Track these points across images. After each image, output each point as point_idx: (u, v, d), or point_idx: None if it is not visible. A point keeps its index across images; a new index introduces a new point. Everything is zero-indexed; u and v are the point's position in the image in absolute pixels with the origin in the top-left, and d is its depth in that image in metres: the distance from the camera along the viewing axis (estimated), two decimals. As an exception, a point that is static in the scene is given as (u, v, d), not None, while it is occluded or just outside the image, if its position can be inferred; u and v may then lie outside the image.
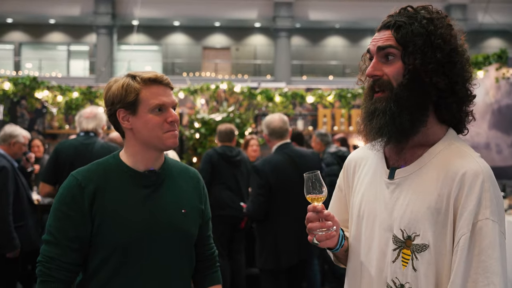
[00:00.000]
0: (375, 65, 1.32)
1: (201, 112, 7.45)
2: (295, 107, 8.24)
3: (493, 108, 5.47)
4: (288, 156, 3.50)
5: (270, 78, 19.67)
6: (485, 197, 1.22)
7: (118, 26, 20.27)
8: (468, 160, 1.27)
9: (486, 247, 1.20)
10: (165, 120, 1.55)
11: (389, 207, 1.33)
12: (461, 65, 1.30)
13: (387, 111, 1.29)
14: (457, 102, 1.31)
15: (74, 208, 1.50)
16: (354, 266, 1.45)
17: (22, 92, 7.46)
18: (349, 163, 1.54)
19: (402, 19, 1.30)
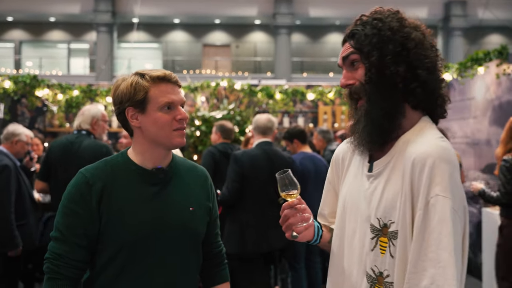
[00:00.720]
0: (345, 75, 1.41)
1: (201, 110, 7.45)
2: (296, 104, 8.24)
3: (494, 104, 5.46)
4: (266, 153, 3.77)
5: (271, 75, 19.66)
6: (435, 174, 1.24)
7: (118, 24, 20.26)
8: (422, 144, 1.30)
9: (436, 223, 1.21)
10: (174, 118, 1.55)
11: (367, 198, 1.39)
12: (418, 51, 1.34)
13: (363, 111, 1.37)
14: (422, 87, 1.34)
15: (82, 206, 1.50)
16: (337, 257, 1.49)
17: (22, 90, 7.46)
18: (337, 156, 1.60)
19: (356, 28, 1.39)
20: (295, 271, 4.39)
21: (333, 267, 1.51)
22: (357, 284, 1.39)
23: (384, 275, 1.32)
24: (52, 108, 7.75)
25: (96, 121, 3.74)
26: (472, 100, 5.94)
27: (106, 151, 3.56)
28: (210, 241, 1.76)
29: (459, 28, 20.13)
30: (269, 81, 11.52)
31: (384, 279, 1.32)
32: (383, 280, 1.32)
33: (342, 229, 1.48)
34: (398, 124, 1.36)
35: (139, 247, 1.51)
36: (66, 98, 7.81)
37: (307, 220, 1.45)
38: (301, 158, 4.35)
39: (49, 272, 1.50)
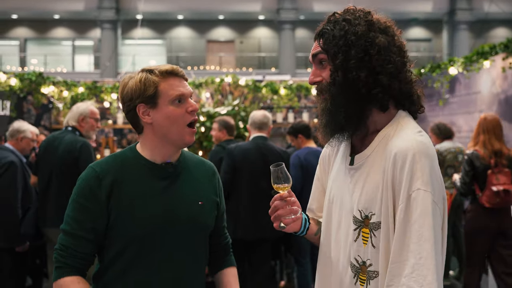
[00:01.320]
0: (314, 72, 1.46)
1: (206, 106, 7.46)
2: (300, 99, 8.23)
3: (500, 98, 5.44)
4: (258, 147, 3.93)
5: (275, 70, 19.64)
6: (416, 169, 1.29)
7: (122, 21, 20.28)
8: (403, 138, 1.35)
9: (418, 216, 1.27)
10: (186, 110, 1.57)
11: (350, 191, 1.45)
12: (380, 57, 1.36)
13: (326, 111, 1.43)
14: (383, 92, 1.37)
15: (91, 200, 1.52)
16: (324, 249, 1.55)
17: (28, 87, 7.49)
18: (324, 153, 1.67)
19: (327, 27, 1.42)
20: (300, 266, 4.40)
21: (321, 258, 1.58)
22: (343, 273, 1.45)
23: (367, 264, 1.38)
24: (57, 105, 7.78)
25: (83, 118, 3.78)
26: (478, 94, 5.91)
27: (80, 147, 3.59)
28: (218, 234, 1.78)
29: (464, 22, 20.02)
30: (274, 76, 11.51)
31: (367, 268, 1.38)
32: (366, 269, 1.39)
33: (328, 222, 1.54)
34: (366, 123, 1.41)
35: (147, 242, 1.53)
36: (72, 95, 7.84)
37: (296, 212, 1.51)
38: (306, 153, 4.35)
39: (56, 261, 1.54)
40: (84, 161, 3.56)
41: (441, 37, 21.37)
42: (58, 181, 3.64)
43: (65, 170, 3.60)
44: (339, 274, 1.46)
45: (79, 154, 3.57)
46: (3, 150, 3.99)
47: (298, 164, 4.30)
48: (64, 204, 3.65)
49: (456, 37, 20.06)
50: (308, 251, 4.40)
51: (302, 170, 4.27)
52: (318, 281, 1.58)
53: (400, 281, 1.27)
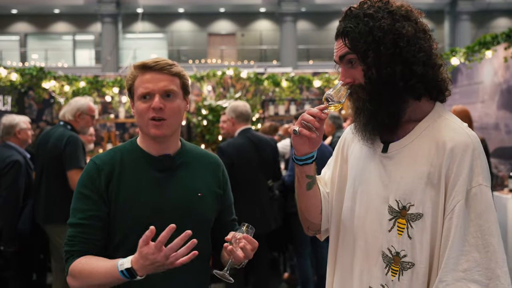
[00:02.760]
0: (343, 73, 1.42)
1: (208, 99, 7.46)
2: (302, 91, 8.22)
3: (502, 88, 5.42)
4: (249, 140, 3.90)
5: (276, 63, 19.59)
6: (477, 165, 1.30)
7: (123, 15, 20.22)
8: (457, 132, 1.34)
9: (482, 211, 1.27)
10: (150, 106, 1.56)
11: (384, 180, 1.40)
12: (411, 47, 1.34)
13: (365, 110, 1.38)
14: (421, 81, 1.35)
15: (92, 189, 1.55)
16: (346, 237, 1.50)
17: (29, 82, 7.48)
18: (344, 137, 1.62)
19: (349, 24, 1.37)
20: (301, 257, 4.42)
21: (341, 246, 1.53)
22: (372, 263, 1.41)
23: (401, 255, 1.35)
24: (59, 100, 7.77)
25: (80, 114, 3.75)
26: (480, 84, 5.89)
27: (66, 140, 3.58)
28: (226, 226, 1.75)
29: (466, 12, 19.90)
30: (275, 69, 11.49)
31: (401, 259, 1.35)
32: (399, 260, 1.36)
33: (352, 210, 1.48)
34: (402, 116, 1.38)
35: (143, 232, 1.52)
36: (73, 90, 7.83)
37: (317, 128, 1.38)
38: None
39: (66, 254, 1.54)
40: (67, 154, 3.54)
41: (442, 27, 21.26)
42: (47, 176, 3.65)
43: (53, 165, 3.60)
44: (367, 263, 1.42)
45: (65, 147, 3.55)
46: (8, 149, 3.97)
47: None
48: (52, 200, 3.68)
49: (458, 27, 19.96)
50: (308, 242, 4.41)
51: None
52: (338, 270, 1.54)
53: (456, 276, 1.26)
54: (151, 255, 1.34)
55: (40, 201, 3.69)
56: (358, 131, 1.44)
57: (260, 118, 7.55)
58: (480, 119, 5.85)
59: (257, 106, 7.61)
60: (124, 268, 1.39)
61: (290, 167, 4.39)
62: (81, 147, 3.63)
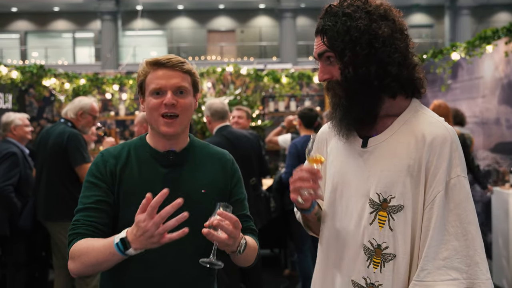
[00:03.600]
0: (322, 70, 1.45)
1: (208, 96, 7.45)
2: (302, 88, 8.21)
3: (503, 83, 5.41)
4: (226, 138, 3.77)
5: (276, 59, 19.57)
6: (455, 157, 1.35)
7: (122, 12, 20.20)
8: (435, 125, 1.39)
9: (461, 201, 1.32)
10: (162, 102, 1.57)
11: (364, 174, 1.43)
12: (386, 48, 1.36)
13: (340, 106, 1.42)
14: (395, 81, 1.38)
15: (99, 178, 1.59)
16: (329, 232, 1.53)
17: (29, 80, 7.47)
18: (320, 136, 1.64)
19: (327, 22, 1.40)
20: (301, 253, 4.42)
21: (323, 243, 1.55)
22: (353, 257, 1.43)
23: (382, 247, 1.38)
24: (59, 97, 7.77)
25: (82, 113, 3.78)
26: (481, 79, 5.89)
27: (67, 137, 3.60)
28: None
29: (466, 7, 19.85)
30: (275, 65, 11.47)
31: (383, 251, 1.39)
32: (381, 252, 1.39)
33: (333, 206, 1.52)
34: (380, 111, 1.42)
35: None
36: (73, 87, 7.83)
37: (317, 189, 1.43)
38: (303, 141, 4.35)
39: (69, 237, 1.53)
40: (72, 151, 3.57)
41: (443, 22, 21.22)
42: (48, 174, 3.67)
43: (54, 162, 3.62)
44: (349, 258, 1.45)
45: (67, 144, 3.57)
46: (6, 143, 4.04)
47: (295, 153, 4.29)
48: (53, 197, 3.72)
49: (458, 22, 19.92)
50: (308, 238, 4.41)
51: (299, 159, 4.27)
52: (320, 266, 1.56)
53: (437, 264, 1.30)
54: (142, 223, 1.32)
55: (41, 198, 3.71)
56: (334, 126, 1.48)
57: (260, 115, 7.54)
58: (481, 114, 5.85)
59: (257, 103, 7.60)
60: (119, 238, 1.37)
61: (287, 164, 4.39)
62: (83, 142, 3.66)
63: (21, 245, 4.03)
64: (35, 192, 3.80)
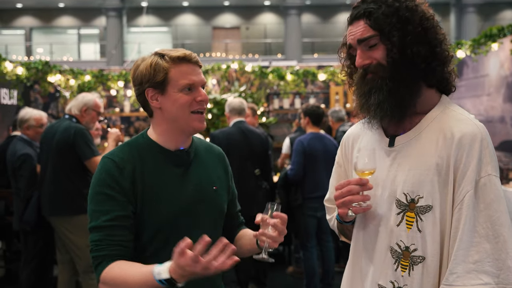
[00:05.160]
0: (361, 55, 1.39)
1: (212, 93, 7.46)
2: (307, 85, 8.20)
3: (508, 81, 5.39)
4: (240, 129, 4.25)
5: (281, 56, 19.55)
6: (485, 155, 1.29)
7: (127, 8, 20.21)
8: (464, 122, 1.34)
9: (491, 201, 1.26)
10: (194, 99, 1.54)
11: (391, 173, 1.39)
12: (434, 29, 1.36)
13: (383, 88, 1.35)
14: (441, 65, 1.37)
15: (117, 189, 1.48)
16: (357, 236, 1.49)
17: (35, 76, 7.50)
18: (347, 138, 1.60)
19: (370, 6, 1.36)
20: (306, 250, 4.42)
21: (353, 247, 1.51)
22: (381, 260, 1.39)
23: (411, 250, 1.33)
24: (64, 93, 7.80)
25: (86, 109, 3.79)
26: (486, 77, 5.86)
27: (74, 133, 3.62)
28: (231, 217, 1.77)
29: (472, 4, 19.75)
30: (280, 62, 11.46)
31: (411, 253, 1.33)
32: (409, 254, 1.34)
33: None
34: (415, 102, 1.37)
35: (171, 230, 1.52)
36: (78, 84, 7.85)
37: (368, 200, 1.37)
38: (310, 138, 4.35)
39: (94, 260, 1.46)
40: (80, 145, 3.59)
41: (448, 20, 21.12)
42: (53, 169, 3.69)
43: (60, 158, 3.65)
44: (376, 261, 1.40)
45: (73, 139, 3.59)
46: (21, 142, 4.13)
47: (301, 150, 4.30)
48: (58, 192, 3.76)
49: (464, 20, 19.82)
50: (313, 235, 4.42)
51: (305, 156, 4.28)
52: (348, 270, 1.53)
53: (467, 268, 1.24)
54: (188, 267, 1.27)
55: (46, 193, 3.73)
56: (368, 113, 1.41)
57: (265, 112, 7.55)
58: (486, 112, 5.83)
59: (262, 100, 7.60)
60: (163, 278, 1.32)
61: (292, 161, 4.41)
62: (90, 137, 3.69)
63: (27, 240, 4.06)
64: (39, 187, 3.82)
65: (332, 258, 4.52)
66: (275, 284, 4.96)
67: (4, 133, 5.95)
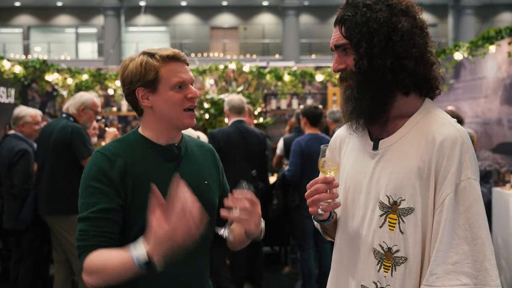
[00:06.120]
0: (337, 60, 1.45)
1: (210, 93, 7.45)
2: (305, 85, 8.20)
3: (505, 83, 5.40)
4: (238, 129, 4.22)
5: (279, 57, 19.56)
6: (465, 159, 1.31)
7: (126, 8, 20.18)
8: (446, 126, 1.36)
9: (471, 204, 1.29)
10: (185, 97, 1.56)
11: (375, 176, 1.41)
12: (404, 42, 1.35)
13: (351, 98, 1.41)
14: (410, 76, 1.37)
15: (106, 183, 1.50)
16: (341, 237, 1.52)
17: (32, 75, 7.48)
18: (334, 141, 1.62)
19: (347, 13, 1.40)
20: (303, 251, 4.43)
21: (337, 247, 1.54)
22: (363, 261, 1.42)
23: (393, 250, 1.36)
24: (62, 92, 7.78)
25: (83, 108, 3.78)
26: (483, 79, 5.88)
27: (71, 131, 3.62)
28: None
29: (470, 6, 19.80)
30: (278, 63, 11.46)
31: (393, 254, 1.36)
32: (392, 255, 1.37)
33: (345, 210, 1.50)
34: (388, 108, 1.40)
35: None
36: (76, 83, 7.83)
37: (336, 197, 1.42)
38: (307, 139, 4.36)
39: (79, 249, 1.47)
40: (76, 145, 3.59)
41: (446, 22, 21.17)
42: (50, 168, 3.69)
43: (57, 156, 3.64)
44: (359, 262, 1.43)
45: (71, 138, 3.59)
46: (16, 139, 4.10)
47: (298, 151, 4.32)
48: (55, 191, 3.76)
49: (462, 22, 19.87)
50: (311, 236, 4.42)
51: (303, 157, 4.29)
52: (333, 271, 1.56)
53: (446, 269, 1.27)
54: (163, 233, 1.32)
55: (42, 192, 3.72)
56: (345, 120, 1.47)
57: (262, 112, 7.55)
58: (483, 114, 5.84)
59: (259, 100, 7.60)
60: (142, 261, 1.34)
61: (290, 162, 4.41)
62: (87, 136, 3.68)
63: (22, 239, 4.06)
64: (36, 186, 3.82)
65: (329, 259, 4.52)
66: (271, 284, 4.97)
67: (1, 131, 5.94)
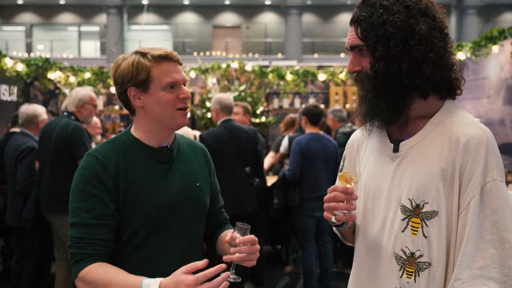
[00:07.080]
0: (352, 61, 1.40)
1: (212, 91, 7.45)
2: (307, 85, 8.20)
3: (508, 83, 5.39)
4: (227, 129, 4.12)
5: (281, 56, 19.54)
6: (491, 160, 1.27)
7: (128, 6, 20.19)
8: (470, 126, 1.31)
9: (497, 207, 1.25)
10: (177, 97, 1.55)
11: (396, 179, 1.37)
12: (421, 47, 1.30)
13: (366, 100, 1.37)
14: (427, 81, 1.33)
15: (98, 187, 1.48)
16: (361, 242, 1.48)
17: (35, 73, 7.49)
18: (351, 143, 1.58)
19: (363, 13, 1.35)
20: (304, 250, 4.43)
21: (357, 252, 1.50)
22: (385, 266, 1.38)
23: (416, 256, 1.32)
24: (64, 90, 7.79)
25: (82, 104, 3.79)
26: (486, 79, 5.87)
27: (71, 130, 3.63)
28: (215, 213, 1.79)
29: (473, 6, 19.76)
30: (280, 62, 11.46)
31: (416, 260, 1.32)
32: (415, 260, 1.32)
33: (364, 214, 1.46)
34: (408, 111, 1.36)
35: (154, 226, 1.54)
36: (78, 81, 7.84)
37: (353, 210, 1.37)
38: (308, 138, 4.36)
39: (73, 256, 1.47)
40: (76, 144, 3.60)
41: (449, 22, 21.13)
42: (51, 166, 3.70)
43: (58, 155, 3.66)
44: (381, 267, 1.39)
45: (70, 137, 3.61)
46: (24, 136, 4.12)
47: (298, 150, 4.31)
48: (56, 189, 3.76)
49: (464, 21, 19.84)
50: (312, 236, 4.42)
51: (303, 156, 4.29)
52: (353, 278, 1.52)
53: (472, 273, 1.23)
54: (185, 286, 1.29)
55: (44, 190, 3.73)
56: (360, 120, 1.44)
57: (264, 111, 7.54)
58: (486, 114, 5.83)
59: (262, 99, 7.60)
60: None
61: (290, 161, 4.41)
62: (87, 135, 3.69)
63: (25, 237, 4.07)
64: (38, 184, 3.83)
65: (330, 258, 4.53)
66: (272, 283, 4.97)
67: (4, 129, 5.95)
